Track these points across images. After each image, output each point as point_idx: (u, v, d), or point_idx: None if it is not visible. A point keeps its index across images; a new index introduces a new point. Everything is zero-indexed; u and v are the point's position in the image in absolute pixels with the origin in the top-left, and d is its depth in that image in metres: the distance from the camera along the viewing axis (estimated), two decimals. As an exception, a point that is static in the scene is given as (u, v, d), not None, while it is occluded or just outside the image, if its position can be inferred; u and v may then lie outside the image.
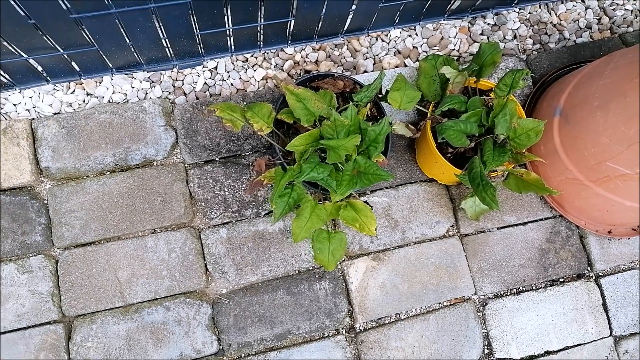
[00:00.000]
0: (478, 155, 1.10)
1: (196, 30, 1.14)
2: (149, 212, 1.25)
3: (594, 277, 1.37)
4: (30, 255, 1.20)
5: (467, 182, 1.06)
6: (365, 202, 1.06)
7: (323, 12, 1.20)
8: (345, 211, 1.04)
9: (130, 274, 1.22)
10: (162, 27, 1.09)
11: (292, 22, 1.22)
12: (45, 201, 1.23)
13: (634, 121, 1.08)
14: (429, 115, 1.18)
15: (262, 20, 1.18)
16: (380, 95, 1.18)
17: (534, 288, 1.34)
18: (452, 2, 1.35)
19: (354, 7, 1.22)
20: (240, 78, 1.38)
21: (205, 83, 1.36)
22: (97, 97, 1.31)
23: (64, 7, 0.94)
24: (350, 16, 1.27)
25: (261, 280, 1.26)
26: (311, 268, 1.28)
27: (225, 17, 1.12)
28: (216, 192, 1.28)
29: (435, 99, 1.21)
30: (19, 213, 1.21)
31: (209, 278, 1.25)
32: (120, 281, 1.22)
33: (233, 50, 1.32)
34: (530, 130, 1.08)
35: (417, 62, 1.44)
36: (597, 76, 1.22)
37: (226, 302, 1.24)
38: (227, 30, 1.19)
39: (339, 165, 1.00)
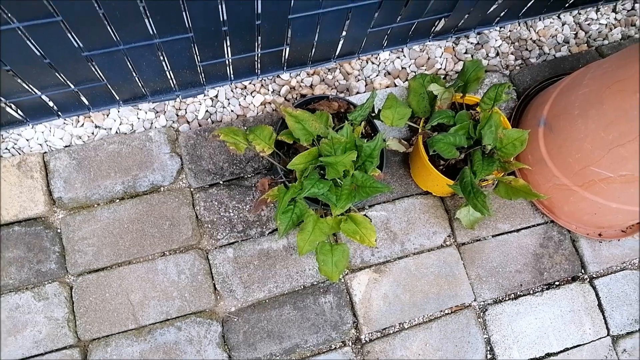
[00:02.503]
0: (468, 166, 1.17)
1: (198, 62, 1.22)
2: (158, 236, 1.30)
3: (588, 279, 1.42)
4: (46, 282, 1.25)
5: (459, 191, 1.12)
6: (364, 215, 1.12)
7: (316, 39, 1.28)
8: (346, 224, 1.10)
9: (142, 296, 1.26)
10: (166, 60, 1.17)
11: (287, 49, 1.30)
12: (59, 230, 1.28)
13: (612, 127, 1.15)
14: (420, 130, 1.25)
15: (260, 49, 1.26)
16: (373, 114, 1.26)
17: (531, 292, 1.39)
18: (436, 24, 1.44)
19: (344, 33, 1.30)
20: (240, 104, 1.45)
21: (207, 111, 1.44)
22: (105, 129, 1.38)
23: (76, 46, 1.02)
24: (341, 42, 1.35)
25: (268, 296, 1.31)
26: (315, 283, 1.33)
27: (225, 48, 1.20)
28: (221, 214, 1.34)
29: (425, 115, 1.29)
30: (34, 243, 1.26)
31: (218, 297, 1.29)
32: (132, 304, 1.26)
33: (232, 78, 1.39)
34: (516, 139, 1.15)
35: (407, 82, 1.52)
36: (576, 86, 1.30)
37: (235, 319, 1.28)
38: (227, 60, 1.27)
39: (338, 180, 1.06)
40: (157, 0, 0.93)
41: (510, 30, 1.65)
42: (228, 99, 1.46)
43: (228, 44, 1.18)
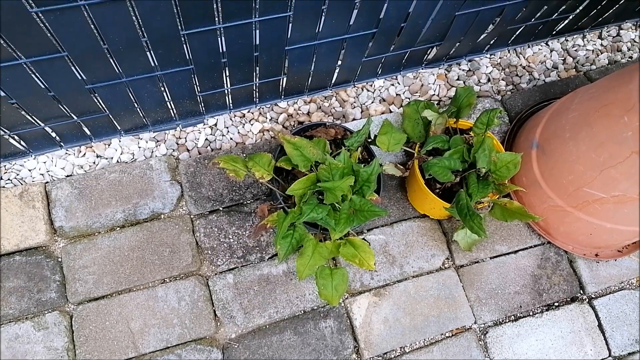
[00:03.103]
0: (464, 189, 1.19)
1: (198, 92, 1.26)
2: (159, 263, 1.31)
3: (587, 300, 1.43)
4: (46, 312, 1.25)
5: (455, 214, 1.14)
6: (363, 239, 1.14)
7: (312, 69, 1.32)
8: (345, 248, 1.11)
9: (142, 324, 1.26)
10: (167, 90, 1.20)
11: (285, 79, 1.34)
12: (60, 259, 1.29)
13: (602, 149, 1.18)
14: (415, 154, 1.28)
15: (258, 79, 1.29)
16: (369, 140, 1.29)
17: (531, 313, 1.39)
18: (429, 52, 1.49)
19: (339, 62, 1.35)
20: (238, 132, 1.49)
21: (206, 139, 1.47)
22: (107, 158, 1.40)
23: (80, 79, 1.05)
24: (336, 71, 1.40)
25: (269, 322, 1.31)
26: (316, 307, 1.33)
27: (224, 78, 1.24)
28: (221, 240, 1.35)
29: (420, 139, 1.32)
30: (34, 272, 1.27)
31: (218, 323, 1.29)
32: (132, 332, 1.26)
33: (231, 107, 1.43)
34: (509, 162, 1.18)
35: (401, 108, 1.56)
36: (566, 110, 1.34)
37: (236, 346, 1.28)
38: (226, 90, 1.31)
39: (336, 205, 1.08)
40: (158, 35, 0.97)
41: (500, 57, 1.71)
42: (227, 127, 1.49)
43: (227, 74, 1.22)
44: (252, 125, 1.50)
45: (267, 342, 1.29)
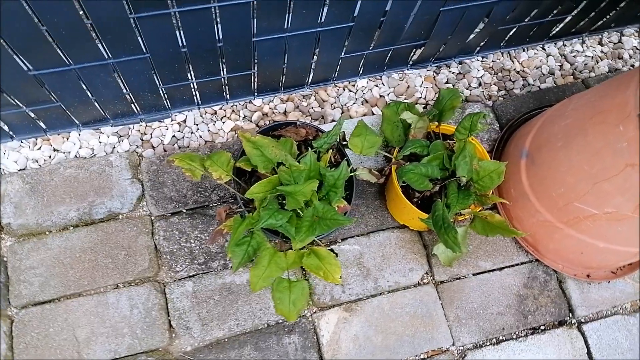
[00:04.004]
0: (442, 199, 1.09)
1: (160, 85, 1.17)
2: (112, 267, 1.22)
3: (576, 324, 1.32)
4: (-15, 315, 1.15)
5: (431, 225, 1.04)
6: (331, 249, 1.04)
7: (285, 64, 1.23)
8: (308, 259, 1.01)
9: (89, 332, 1.17)
10: (124, 81, 1.11)
11: (256, 74, 1.25)
12: (5, 258, 1.20)
13: (595, 159, 1.08)
14: (393, 160, 1.18)
15: (225, 73, 1.20)
16: (344, 142, 1.19)
17: (515, 337, 1.29)
18: (414, 52, 1.39)
19: (315, 58, 1.25)
20: (209, 130, 1.39)
21: (173, 136, 1.37)
22: (64, 153, 1.31)
23: (22, 65, 0.96)
24: (312, 68, 1.30)
25: (228, 335, 1.21)
26: (280, 321, 1.23)
27: (188, 70, 1.15)
28: (182, 244, 1.26)
29: (399, 144, 1.22)
30: (-25, 272, 1.17)
31: (173, 335, 1.19)
32: (78, 340, 1.16)
33: (200, 103, 1.34)
34: (492, 172, 1.08)
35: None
36: (559, 118, 1.24)
37: (190, 360, 1.18)
38: (191, 84, 1.21)
39: (299, 212, 0.98)
40: (104, 18, 0.88)
41: (493, 61, 1.61)
42: (197, 125, 1.39)
43: (190, 66, 1.13)
44: (223, 123, 1.40)
45: (224, 357, 1.18)
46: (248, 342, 1.20)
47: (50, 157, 1.30)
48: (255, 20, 1.02)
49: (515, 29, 1.43)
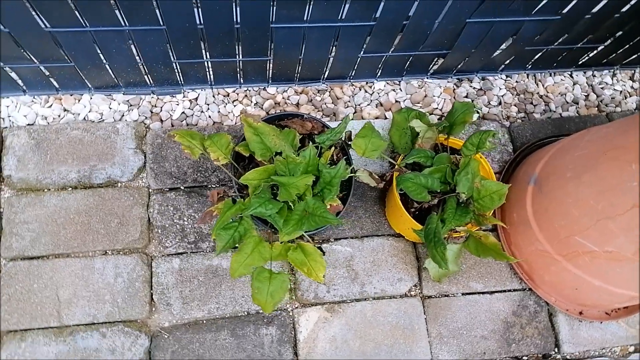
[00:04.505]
0: (439, 213, 1.07)
1: (174, 59, 1.16)
2: (103, 233, 1.22)
3: None
4: (-27, 262, 1.17)
5: (422, 237, 1.02)
6: (319, 248, 1.02)
7: (302, 55, 1.21)
8: (294, 253, 1.00)
9: (71, 293, 1.17)
10: (138, 51, 1.11)
11: (271, 61, 1.24)
12: (1, 209, 1.21)
13: (603, 196, 1.04)
14: (396, 166, 1.16)
15: (241, 56, 1.19)
16: (349, 142, 1.17)
17: (495, 363, 1.26)
18: (435, 61, 1.37)
19: (332, 53, 1.24)
20: (219, 112, 1.39)
21: (183, 112, 1.37)
22: (74, 114, 1.32)
23: (39, 21, 0.96)
24: (329, 62, 1.29)
25: (207, 317, 1.20)
26: (261, 311, 1.23)
27: (203, 48, 1.14)
28: (175, 221, 1.26)
29: (405, 151, 1.20)
30: (-30, 217, 1.19)
31: (153, 309, 1.20)
32: (60, 300, 1.17)
33: (213, 83, 1.33)
34: (494, 192, 1.05)
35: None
36: (573, 148, 1.20)
37: (166, 336, 1.18)
38: (206, 62, 1.21)
39: (291, 204, 0.97)
40: (123, -17, 0.87)
41: (517, 81, 1.57)
42: (208, 104, 1.39)
43: (206, 45, 1.12)
44: (234, 106, 1.40)
45: (200, 339, 1.18)
46: (225, 327, 1.20)
47: (59, 116, 1.31)
48: (275, 6, 1.01)
49: (543, 52, 1.39)
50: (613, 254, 1.06)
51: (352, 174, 1.10)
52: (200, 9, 0.98)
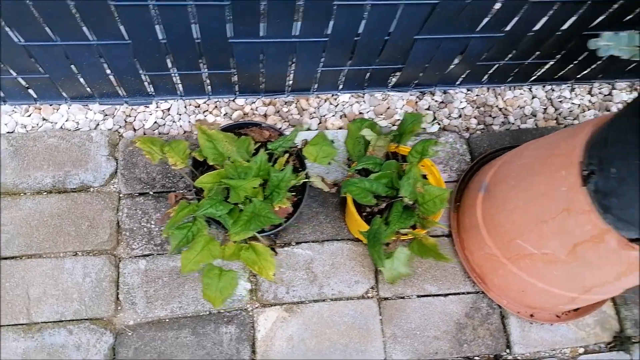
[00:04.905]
0: (384, 215, 1.13)
1: (142, 71, 1.25)
2: (74, 235, 1.29)
3: (511, 360, 1.33)
4: (-51, 260, 1.24)
5: (365, 237, 1.08)
6: (272, 248, 1.09)
7: (263, 69, 1.29)
8: (246, 253, 1.07)
9: (41, 292, 1.24)
10: (108, 63, 1.19)
11: (236, 74, 1.32)
12: (-22, 211, 1.29)
13: (538, 201, 1.11)
14: (348, 173, 1.23)
15: (207, 69, 1.28)
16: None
17: (447, 363, 1.31)
18: (393, 74, 1.45)
19: (293, 67, 1.32)
20: (189, 122, 1.47)
21: (155, 122, 1.45)
22: (51, 123, 1.40)
23: (13, 36, 1.05)
24: (291, 76, 1.37)
25: (169, 316, 1.26)
26: (222, 311, 1.29)
27: (169, 61, 1.22)
28: (142, 224, 1.33)
29: (358, 159, 1.27)
30: (-51, 219, 1.26)
31: (119, 307, 1.26)
32: (30, 298, 1.23)
33: (182, 94, 1.41)
34: (436, 197, 1.12)
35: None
36: (518, 157, 1.27)
37: (130, 333, 1.24)
38: (173, 75, 1.29)
39: (240, 206, 1.04)
40: (87, 3, 0.96)
41: (477, 95, 1.65)
42: (180, 115, 1.47)
43: (171, 58, 1.21)
44: (205, 116, 1.48)
45: (162, 336, 1.24)
46: (187, 326, 1.26)
47: (38, 124, 1.39)
48: (231, 22, 1.09)
49: (496, 67, 1.46)
50: (549, 256, 1.12)
51: (306, 179, 1.18)
52: (161, 25, 1.07)
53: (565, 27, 1.27)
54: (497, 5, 1.15)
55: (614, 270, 1.06)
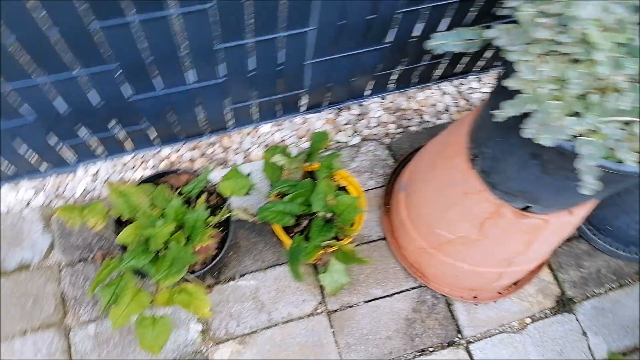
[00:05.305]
0: (305, 232, 1.19)
1: (59, 141, 1.30)
2: (20, 315, 1.31)
3: (464, 344, 1.38)
4: None
5: (288, 256, 1.14)
6: (208, 285, 1.13)
7: (174, 118, 1.36)
8: (179, 296, 1.11)
9: (-6, 377, 1.25)
10: (24, 142, 1.25)
11: (152, 127, 1.38)
12: None
13: (442, 191, 1.19)
14: (268, 199, 1.29)
15: (120, 128, 1.34)
16: (227, 186, 1.30)
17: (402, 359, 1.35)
18: (299, 102, 1.53)
19: (202, 111, 1.39)
20: (121, 180, 1.51)
21: (85, 188, 1.50)
22: (-18, 209, 1.43)
23: None
24: (203, 119, 1.44)
25: (126, 373, 1.28)
26: (178, 357, 1.31)
27: (83, 127, 1.28)
28: (86, 289, 1.35)
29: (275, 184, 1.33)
30: None
31: (74, 375, 1.28)
32: (-17, 385, 1.24)
33: (107, 154, 1.47)
34: (349, 205, 1.18)
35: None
36: (425, 153, 1.35)
37: (88, 399, 1.25)
38: (88, 140, 1.35)
39: (159, 253, 1.09)
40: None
41: (391, 102, 1.74)
42: (109, 176, 1.52)
43: (82, 124, 1.26)
44: (134, 172, 1.53)
45: (120, 394, 1.26)
46: (144, 379, 1.28)
47: (-32, 214, 1.43)
48: (127, 82, 1.16)
49: (397, 74, 1.56)
50: (464, 239, 1.19)
51: (230, 213, 1.23)
52: (61, 97, 1.13)
53: (444, 28, 1.37)
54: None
55: (522, 239, 1.13)
